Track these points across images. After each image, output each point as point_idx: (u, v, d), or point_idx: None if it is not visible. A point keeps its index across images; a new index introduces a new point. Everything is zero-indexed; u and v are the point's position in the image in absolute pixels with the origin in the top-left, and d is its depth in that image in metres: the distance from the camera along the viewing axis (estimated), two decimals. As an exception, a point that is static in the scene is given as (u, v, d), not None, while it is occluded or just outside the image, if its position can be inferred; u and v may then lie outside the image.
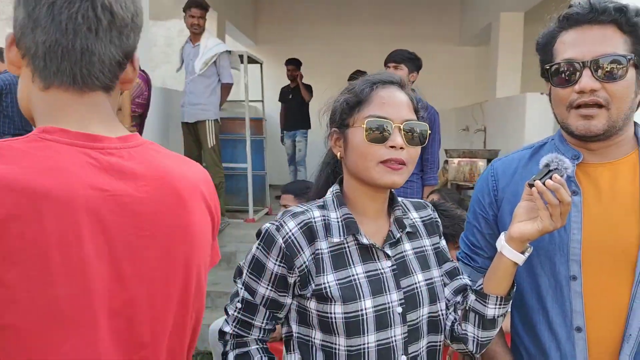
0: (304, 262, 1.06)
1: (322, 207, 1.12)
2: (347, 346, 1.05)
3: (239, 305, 1.14)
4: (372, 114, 1.07)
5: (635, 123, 1.14)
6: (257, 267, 1.10)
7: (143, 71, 4.02)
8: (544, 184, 0.98)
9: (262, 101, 5.66)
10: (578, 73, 1.04)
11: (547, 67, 1.10)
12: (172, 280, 0.83)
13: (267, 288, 1.10)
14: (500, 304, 1.09)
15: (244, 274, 1.13)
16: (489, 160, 5.38)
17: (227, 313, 1.17)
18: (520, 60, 6.35)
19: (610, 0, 1.05)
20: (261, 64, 5.53)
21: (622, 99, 1.04)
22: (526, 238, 1.03)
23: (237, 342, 1.15)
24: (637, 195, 1.07)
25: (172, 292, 0.83)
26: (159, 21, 9.55)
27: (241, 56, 4.99)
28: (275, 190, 6.34)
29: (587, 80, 1.03)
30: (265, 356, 1.15)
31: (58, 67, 0.77)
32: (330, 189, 1.16)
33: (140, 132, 4.07)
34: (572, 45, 1.06)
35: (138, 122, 4.03)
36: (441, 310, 1.15)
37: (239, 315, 1.14)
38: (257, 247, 1.10)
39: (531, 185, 1.00)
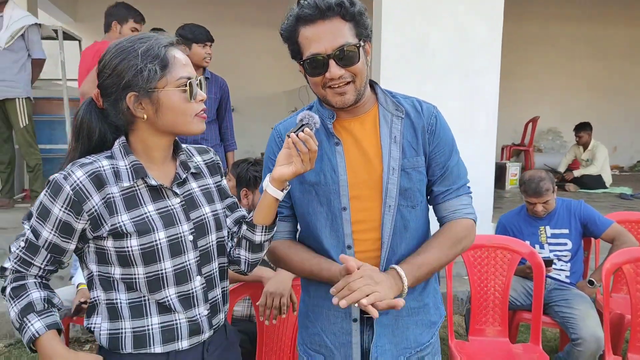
0: (93, 207, 1.18)
1: (110, 157, 1.23)
2: (145, 274, 1.22)
3: (22, 244, 1.23)
4: (183, 75, 1.19)
5: (371, 82, 1.45)
6: (43, 213, 1.19)
7: None
8: (297, 136, 1.23)
9: (83, 80, 5.37)
10: (325, 64, 1.28)
11: (301, 62, 1.33)
12: None
13: (50, 233, 1.19)
14: (265, 232, 1.34)
15: (33, 218, 1.21)
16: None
17: (10, 251, 1.25)
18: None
19: None
20: (79, 41, 5.25)
21: (361, 74, 1.33)
22: (284, 178, 1.27)
23: (15, 277, 1.24)
24: (378, 139, 1.40)
25: None
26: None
27: (56, 31, 4.70)
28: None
29: (334, 69, 1.28)
30: (42, 290, 1.24)
31: None
32: (117, 141, 1.24)
33: None
34: (314, 41, 1.28)
35: None
36: (225, 236, 1.37)
37: (21, 253, 1.23)
38: (44, 194, 1.19)
39: (290, 137, 1.25)
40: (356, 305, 1.23)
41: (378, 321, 1.40)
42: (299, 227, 1.54)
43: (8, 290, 1.24)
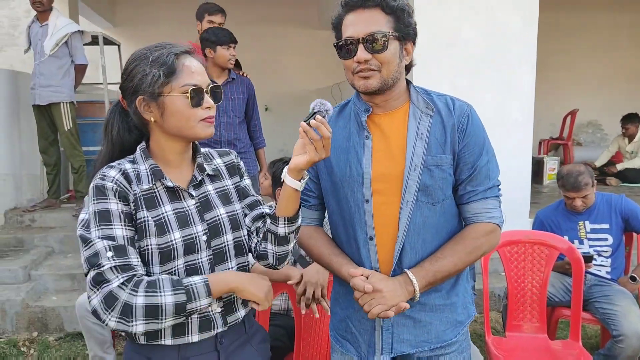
0: (134, 197, 1.25)
1: (133, 161, 1.30)
2: (161, 272, 1.26)
3: (109, 254, 1.17)
4: (188, 82, 1.24)
5: (407, 80, 1.48)
6: (104, 216, 1.20)
7: None
8: (309, 124, 1.25)
9: (122, 83, 5.55)
10: (355, 48, 1.34)
11: (335, 44, 1.40)
12: None
13: (122, 228, 1.21)
14: (288, 224, 1.35)
15: (94, 231, 1.19)
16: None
17: (102, 277, 1.16)
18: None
19: None
20: (119, 46, 5.42)
21: (389, 64, 1.36)
22: (300, 168, 1.28)
23: (135, 282, 1.17)
24: (404, 135, 1.42)
25: None
26: (2, 1, 8.73)
27: (96, 37, 4.87)
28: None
29: (361, 53, 1.33)
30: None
31: None
32: (139, 147, 1.32)
33: None
34: (351, 26, 1.36)
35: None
36: (244, 235, 1.41)
37: (116, 263, 1.17)
38: (95, 202, 1.21)
39: None
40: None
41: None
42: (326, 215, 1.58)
43: (142, 295, 1.17)
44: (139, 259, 1.22)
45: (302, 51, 8.08)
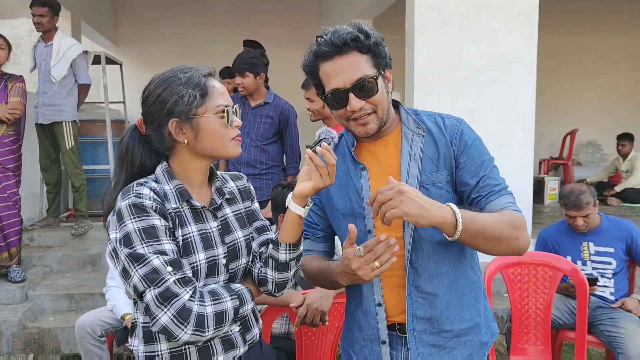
0: (170, 211, 1.24)
1: (156, 181, 1.29)
2: None
3: (168, 269, 1.16)
4: (220, 103, 1.28)
5: (394, 101, 1.46)
6: (149, 232, 1.17)
7: None
8: (315, 150, 1.24)
9: (124, 102, 5.58)
10: (345, 98, 1.32)
11: (322, 97, 1.37)
12: None
13: (169, 242, 1.20)
14: (289, 250, 1.33)
15: (143, 248, 1.16)
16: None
17: (169, 292, 1.15)
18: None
19: (347, 31, 1.29)
20: (120, 65, 5.45)
21: (382, 103, 1.35)
22: (304, 194, 1.27)
23: (200, 293, 1.20)
24: (398, 158, 1.40)
25: None
26: (4, 20, 8.82)
27: (99, 56, 4.90)
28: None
29: (354, 102, 1.31)
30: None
31: None
32: (159, 166, 1.31)
33: None
34: (333, 76, 1.32)
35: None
36: (250, 260, 1.40)
37: (177, 277, 1.16)
38: (135, 220, 1.18)
39: None
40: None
41: (423, 341, 1.38)
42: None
43: (209, 304, 1.20)
44: (191, 270, 1.22)
45: (297, 70, 8.06)
